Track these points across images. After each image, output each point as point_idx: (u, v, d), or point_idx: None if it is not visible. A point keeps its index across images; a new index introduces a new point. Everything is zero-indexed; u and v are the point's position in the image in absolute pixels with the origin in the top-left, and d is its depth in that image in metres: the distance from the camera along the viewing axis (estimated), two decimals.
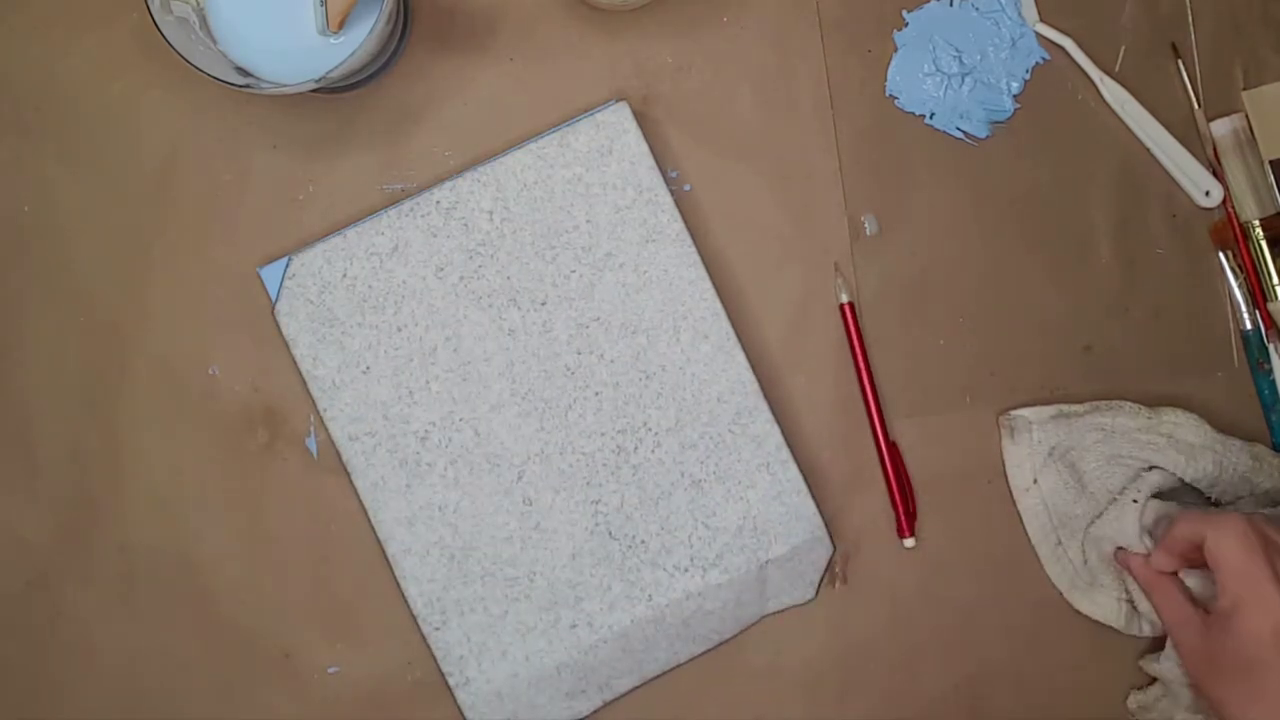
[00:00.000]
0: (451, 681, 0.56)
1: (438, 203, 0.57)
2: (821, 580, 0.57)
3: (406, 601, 0.56)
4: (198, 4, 0.53)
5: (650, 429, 0.56)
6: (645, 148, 0.57)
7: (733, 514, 0.56)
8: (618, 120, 0.57)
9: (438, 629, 0.56)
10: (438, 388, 0.56)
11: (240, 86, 0.51)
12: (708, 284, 0.57)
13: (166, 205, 0.58)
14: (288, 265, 0.56)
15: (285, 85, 0.51)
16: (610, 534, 0.56)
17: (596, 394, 0.56)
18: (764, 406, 0.57)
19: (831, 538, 0.57)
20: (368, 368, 0.56)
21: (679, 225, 0.57)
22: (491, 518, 0.56)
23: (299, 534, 0.58)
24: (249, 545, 0.58)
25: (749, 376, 0.57)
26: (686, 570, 0.56)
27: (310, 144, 0.58)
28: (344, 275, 0.56)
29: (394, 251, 0.56)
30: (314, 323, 0.56)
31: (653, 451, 0.56)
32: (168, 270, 0.58)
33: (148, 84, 0.58)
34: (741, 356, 0.57)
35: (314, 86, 0.51)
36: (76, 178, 0.58)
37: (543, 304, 0.56)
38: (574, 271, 0.57)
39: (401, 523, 0.56)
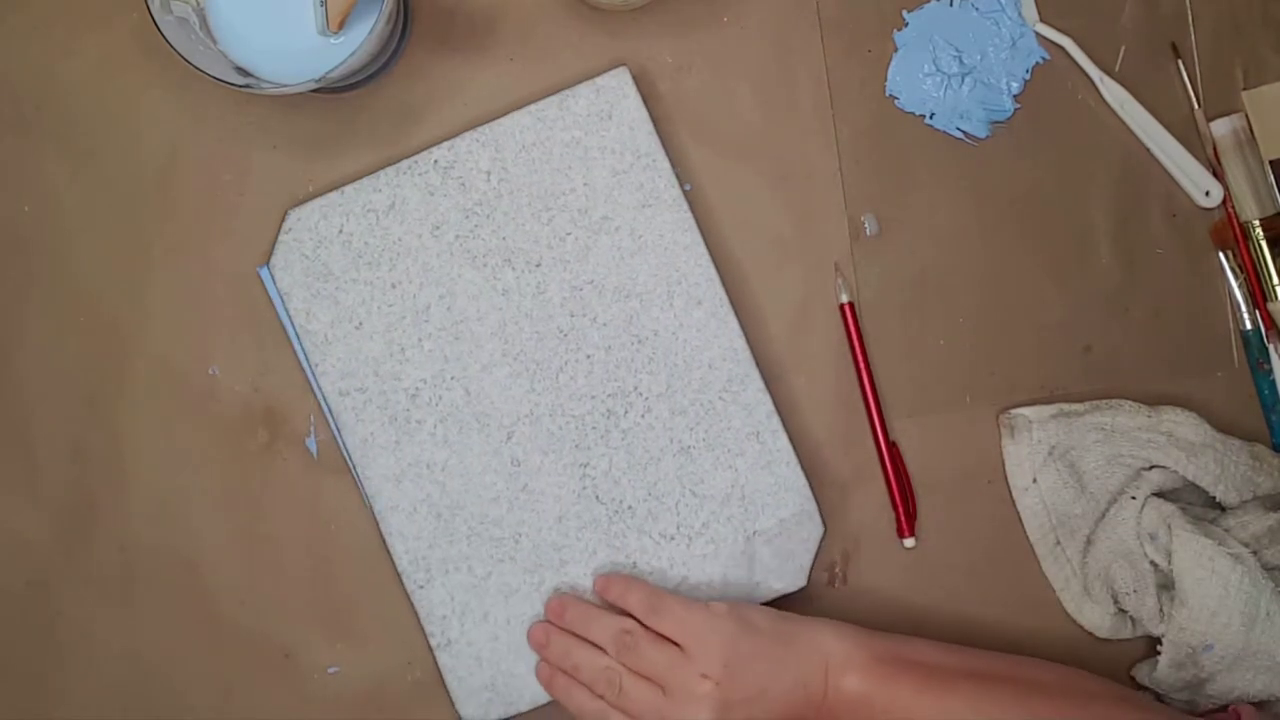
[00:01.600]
0: (433, 642, 0.56)
1: (435, 161, 0.57)
2: (813, 564, 0.57)
3: (391, 558, 0.56)
4: (198, 4, 0.53)
5: (641, 394, 0.56)
6: (645, 113, 0.57)
7: (721, 482, 0.56)
8: (618, 85, 0.57)
9: (421, 587, 0.56)
10: (430, 345, 0.56)
11: (240, 86, 0.51)
12: (703, 249, 0.57)
13: (166, 205, 0.58)
14: (284, 219, 0.56)
15: (285, 85, 0.51)
16: (597, 498, 0.56)
17: (588, 357, 0.56)
18: (755, 374, 0.57)
19: (823, 517, 0.57)
20: (360, 323, 0.56)
21: (675, 191, 0.57)
22: (479, 477, 0.56)
23: (299, 534, 0.58)
24: (249, 545, 0.58)
25: (741, 344, 0.57)
26: (672, 538, 0.56)
27: (310, 144, 0.58)
28: (340, 231, 0.56)
29: (391, 209, 0.56)
30: (308, 277, 0.56)
31: (642, 416, 0.56)
32: (168, 270, 0.58)
33: (148, 84, 0.58)
34: (734, 323, 0.57)
35: (314, 86, 0.51)
36: (76, 178, 0.58)
37: (537, 265, 0.56)
38: (569, 234, 0.57)
39: (389, 479, 0.56)
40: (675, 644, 0.52)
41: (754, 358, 0.57)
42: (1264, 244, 0.59)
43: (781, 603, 0.58)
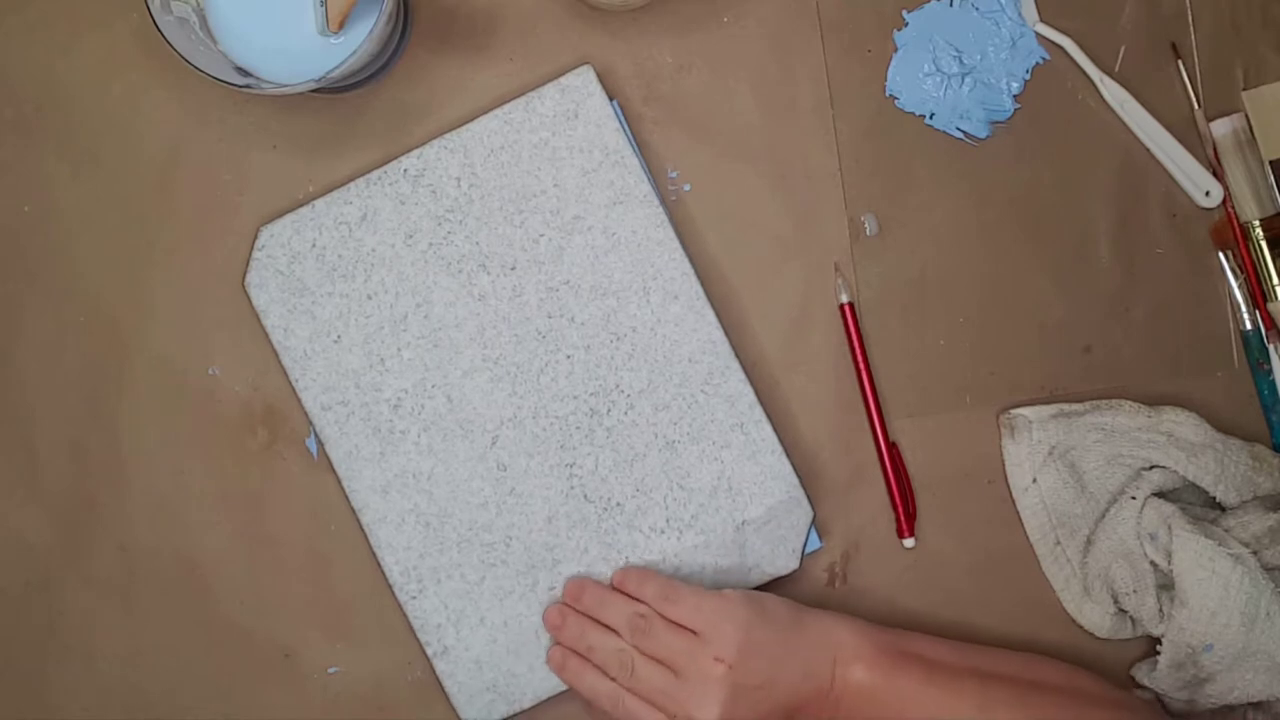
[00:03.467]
0: (430, 651, 0.56)
1: (405, 170, 0.57)
2: (805, 546, 0.57)
3: (382, 570, 0.56)
4: (198, 4, 0.53)
5: (623, 391, 0.57)
6: (610, 110, 0.57)
7: (707, 474, 0.56)
8: (583, 84, 0.57)
9: (414, 598, 0.56)
10: (409, 355, 0.56)
11: (240, 86, 0.51)
12: (676, 244, 0.57)
13: (166, 205, 0.58)
14: (256, 236, 0.56)
15: (285, 85, 0.51)
16: (585, 497, 0.56)
17: (568, 357, 0.56)
18: (736, 366, 0.57)
19: (810, 499, 0.57)
20: (339, 337, 0.56)
21: (646, 187, 0.57)
22: (466, 484, 0.56)
23: (299, 534, 0.58)
24: (249, 545, 0.58)
25: (719, 336, 0.57)
26: (663, 532, 0.56)
27: (310, 144, 0.58)
28: (313, 245, 0.56)
29: (363, 220, 0.56)
30: (284, 293, 0.56)
31: (625, 414, 0.57)
32: (168, 270, 0.58)
33: (148, 84, 0.58)
34: (712, 316, 0.57)
35: (314, 86, 0.51)
36: (77, 178, 0.58)
37: (512, 268, 0.57)
38: (543, 235, 0.57)
39: (376, 491, 0.56)
40: (690, 630, 0.52)
41: (733, 349, 0.57)
42: (1264, 244, 0.59)
43: (778, 587, 0.58)
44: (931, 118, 0.59)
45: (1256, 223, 0.59)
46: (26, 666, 0.58)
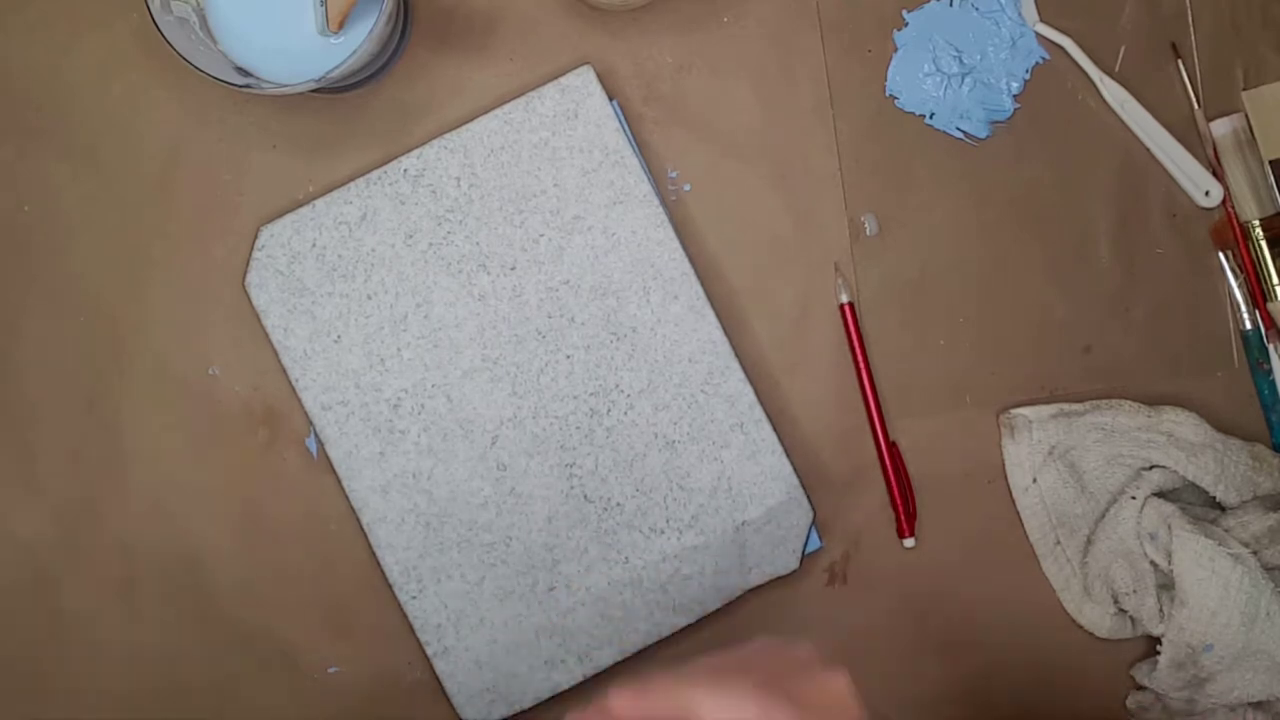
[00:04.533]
0: (429, 651, 0.56)
1: (405, 170, 0.57)
2: (805, 547, 0.57)
3: (382, 570, 0.56)
4: (198, 4, 0.53)
5: (623, 391, 0.57)
6: (610, 110, 0.57)
7: (707, 474, 0.56)
8: (583, 84, 0.57)
9: (415, 598, 0.56)
10: (409, 355, 0.56)
11: (240, 86, 0.51)
12: (676, 244, 0.57)
13: (166, 205, 0.58)
14: (256, 236, 0.56)
15: (285, 85, 0.51)
16: (585, 497, 0.56)
17: (568, 357, 0.57)
18: (736, 366, 0.57)
19: (810, 500, 0.57)
20: (339, 337, 0.56)
21: (646, 186, 0.57)
22: (466, 484, 0.56)
23: (299, 534, 0.58)
24: (249, 545, 0.58)
25: (720, 336, 0.57)
26: (663, 532, 0.56)
27: (310, 144, 0.58)
28: (313, 245, 0.56)
29: (363, 220, 0.56)
30: (284, 293, 0.56)
31: (625, 414, 0.57)
32: (168, 270, 0.58)
33: (148, 84, 0.58)
34: (712, 316, 0.57)
35: (314, 86, 0.51)
36: (77, 178, 0.58)
37: (512, 269, 0.57)
38: (543, 235, 0.57)
39: (376, 491, 0.56)
40: None
41: (733, 349, 0.57)
42: (1264, 244, 0.59)
43: (778, 587, 0.58)
44: (931, 118, 0.59)
45: (1256, 223, 0.59)
46: (27, 665, 0.58)
